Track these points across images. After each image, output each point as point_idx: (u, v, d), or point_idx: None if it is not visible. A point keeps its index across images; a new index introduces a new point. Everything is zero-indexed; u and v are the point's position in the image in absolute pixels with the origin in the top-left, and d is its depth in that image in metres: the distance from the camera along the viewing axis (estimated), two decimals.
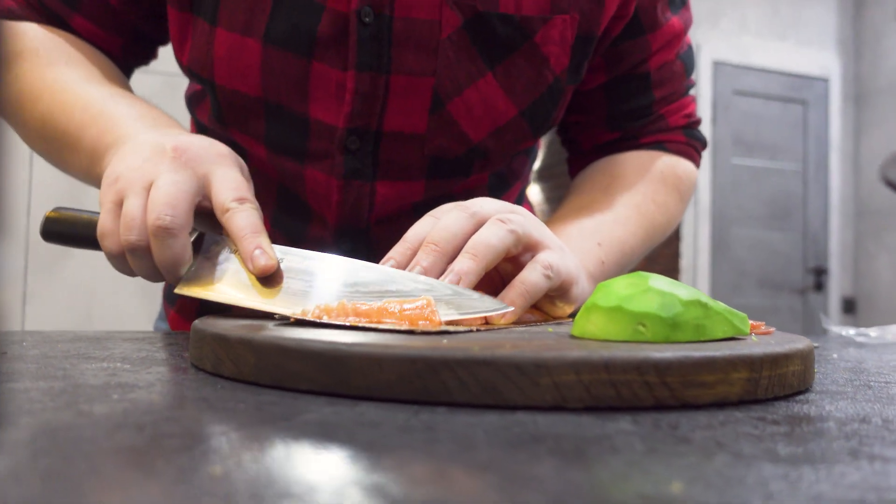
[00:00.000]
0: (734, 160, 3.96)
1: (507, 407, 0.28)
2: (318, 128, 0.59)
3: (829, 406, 0.31)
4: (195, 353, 0.37)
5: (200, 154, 0.47)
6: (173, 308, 0.73)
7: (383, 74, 0.56)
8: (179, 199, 0.44)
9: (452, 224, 0.43)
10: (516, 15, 0.57)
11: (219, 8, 0.56)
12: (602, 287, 0.37)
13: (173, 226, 0.43)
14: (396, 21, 0.55)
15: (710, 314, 0.36)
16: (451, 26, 0.56)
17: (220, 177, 0.46)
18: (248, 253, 0.43)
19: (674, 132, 0.70)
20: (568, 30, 0.58)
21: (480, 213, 0.44)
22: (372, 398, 0.29)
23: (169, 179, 0.44)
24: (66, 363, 0.36)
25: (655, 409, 0.29)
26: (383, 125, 0.58)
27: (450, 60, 0.57)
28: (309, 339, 0.31)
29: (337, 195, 0.60)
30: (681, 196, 0.70)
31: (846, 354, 0.55)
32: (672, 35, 0.66)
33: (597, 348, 0.30)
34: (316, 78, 0.57)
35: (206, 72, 0.58)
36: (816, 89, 4.13)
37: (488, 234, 0.43)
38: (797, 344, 0.35)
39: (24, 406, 0.26)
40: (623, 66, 0.66)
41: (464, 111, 0.59)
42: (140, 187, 0.45)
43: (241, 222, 0.44)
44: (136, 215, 0.44)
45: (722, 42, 3.90)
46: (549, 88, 0.61)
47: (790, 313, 4.05)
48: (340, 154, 0.59)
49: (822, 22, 4.18)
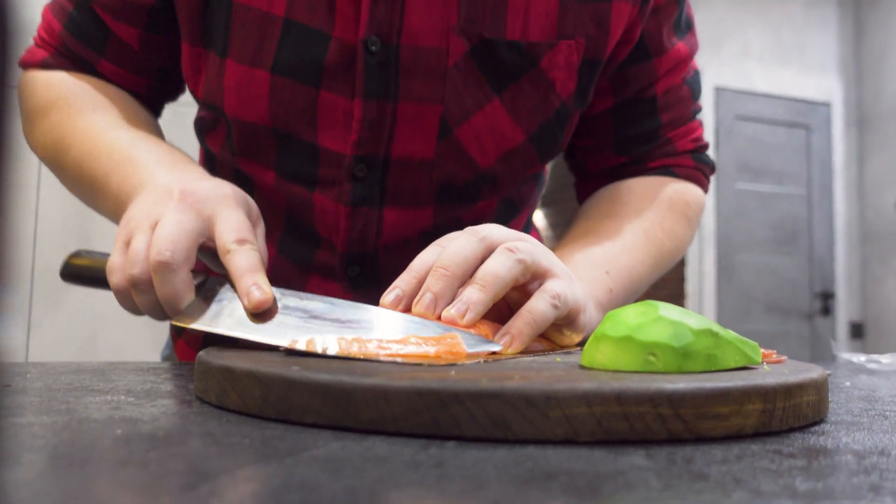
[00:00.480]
0: (738, 185, 3.96)
1: (517, 441, 0.27)
2: (327, 156, 0.59)
3: (846, 438, 0.30)
4: (200, 386, 0.37)
5: (206, 196, 0.48)
6: (181, 338, 0.73)
7: (391, 102, 0.57)
8: (180, 237, 0.45)
9: (462, 249, 0.43)
10: (522, 41, 0.57)
11: (229, 41, 0.57)
12: (611, 316, 0.37)
13: (172, 261, 0.44)
14: (403, 49, 0.56)
15: (722, 343, 0.35)
16: (457, 53, 0.56)
17: (224, 218, 0.47)
18: (243, 289, 0.44)
19: (682, 156, 0.70)
20: (574, 55, 0.59)
21: (489, 239, 0.44)
22: (379, 432, 0.29)
23: (173, 219, 0.46)
24: (69, 396, 0.36)
25: (669, 442, 0.28)
26: (391, 152, 0.59)
27: (457, 87, 0.57)
28: (315, 372, 0.31)
29: (345, 222, 0.60)
30: (689, 222, 0.69)
31: (859, 382, 0.55)
32: (678, 60, 0.66)
33: (608, 379, 0.30)
34: (324, 106, 0.57)
35: (218, 103, 0.59)
36: (819, 114, 4.15)
37: (497, 263, 0.43)
38: (811, 373, 0.34)
39: (27, 442, 0.25)
40: (629, 90, 0.66)
41: (472, 137, 0.59)
42: (147, 226, 0.47)
43: (240, 262, 0.45)
44: (141, 251, 0.46)
45: (724, 68, 3.93)
46: (556, 113, 0.61)
47: (798, 339, 4.02)
48: (348, 181, 0.59)
49: (823, 48, 4.21)
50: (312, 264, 0.64)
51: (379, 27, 0.55)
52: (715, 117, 3.91)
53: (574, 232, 0.66)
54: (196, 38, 0.59)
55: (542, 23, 0.57)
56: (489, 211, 0.66)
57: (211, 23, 0.58)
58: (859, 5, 4.26)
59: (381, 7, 0.55)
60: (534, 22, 0.57)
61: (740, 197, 3.96)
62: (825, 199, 4.14)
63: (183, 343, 0.73)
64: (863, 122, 4.24)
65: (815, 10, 4.19)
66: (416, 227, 0.62)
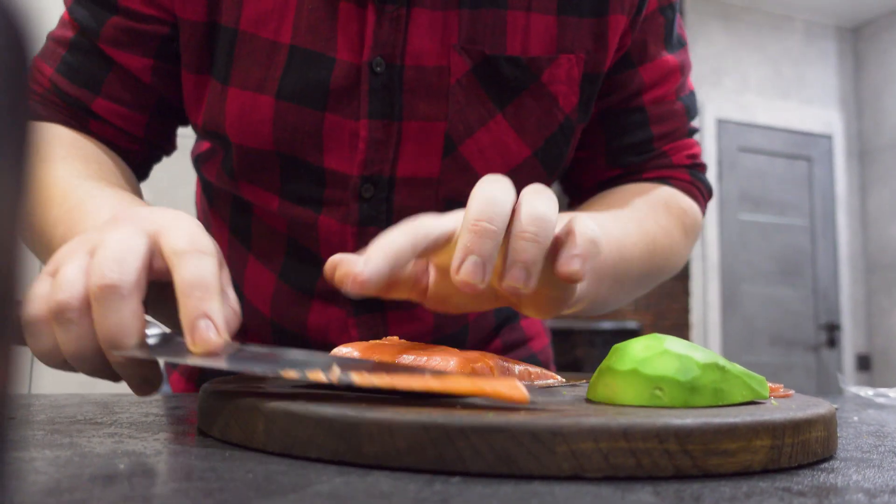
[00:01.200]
0: (741, 216, 3.97)
1: (523, 477, 0.27)
2: (333, 177, 0.59)
3: (856, 475, 0.30)
4: (203, 419, 0.36)
5: (150, 215, 0.39)
6: (175, 370, 0.73)
7: (396, 121, 0.58)
8: (127, 256, 0.35)
9: (497, 194, 0.36)
10: (522, 56, 0.58)
11: (231, 68, 0.58)
12: (616, 349, 0.37)
13: (121, 283, 0.34)
14: (407, 69, 0.57)
15: (728, 377, 0.35)
16: (459, 71, 0.57)
17: (172, 227, 0.38)
18: (189, 319, 0.34)
19: (678, 170, 0.68)
20: (574, 68, 0.60)
21: (509, 182, 0.38)
22: (384, 467, 0.28)
23: (114, 238, 0.36)
24: (72, 429, 0.35)
25: (676, 478, 0.28)
26: (397, 171, 0.59)
27: (460, 104, 0.58)
28: (319, 405, 0.30)
29: (352, 243, 0.61)
30: (685, 230, 0.66)
31: (867, 417, 0.54)
32: (666, 70, 0.66)
33: (614, 415, 0.30)
34: (329, 129, 0.58)
35: (220, 129, 0.59)
36: (820, 146, 4.17)
37: (540, 204, 0.36)
38: (819, 408, 0.34)
39: (30, 477, 0.25)
40: (614, 97, 0.66)
41: (476, 153, 0.59)
42: (82, 252, 0.36)
43: (187, 273, 0.35)
44: (74, 275, 0.35)
45: (725, 101, 3.97)
46: (560, 127, 0.61)
47: (804, 371, 3.99)
48: (355, 202, 0.60)
49: (823, 81, 4.25)
50: (315, 290, 0.64)
51: (383, 49, 0.56)
52: (717, 149, 3.93)
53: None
54: (201, 66, 0.59)
55: (542, 38, 0.58)
56: None
57: (215, 52, 0.59)
58: (858, 39, 4.32)
59: (385, 29, 0.56)
60: (534, 37, 0.58)
61: (743, 228, 3.97)
62: (828, 231, 4.14)
63: (178, 375, 0.72)
64: (864, 154, 4.26)
65: (814, 44, 4.24)
66: None
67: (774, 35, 4.14)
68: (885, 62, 4.15)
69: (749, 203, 3.99)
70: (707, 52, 3.97)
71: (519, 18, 0.58)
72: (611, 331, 3.87)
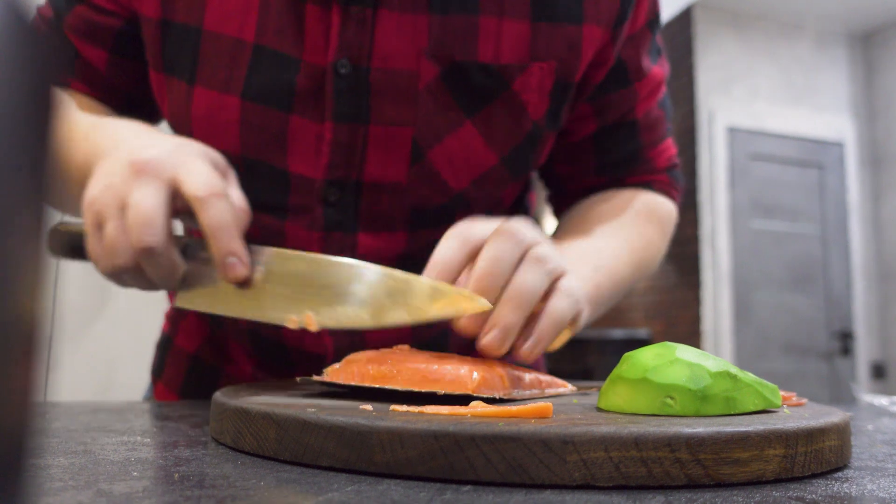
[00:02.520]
0: (753, 224, 3.95)
1: (534, 485, 0.27)
2: (298, 181, 0.59)
3: (871, 485, 0.29)
4: (216, 427, 0.37)
5: (163, 160, 0.45)
6: (160, 380, 0.73)
7: (362, 125, 0.57)
8: (154, 215, 0.43)
9: (504, 255, 0.42)
10: (494, 64, 0.57)
11: (196, 67, 0.57)
12: (627, 358, 0.37)
13: (155, 244, 0.43)
14: (374, 72, 0.56)
15: (740, 386, 0.35)
16: (428, 76, 0.56)
17: (186, 173, 0.45)
18: (219, 258, 0.44)
19: (659, 173, 0.72)
20: (546, 78, 0.59)
21: (524, 243, 0.43)
22: (395, 476, 0.28)
23: (139, 197, 0.44)
24: (86, 437, 0.36)
25: (688, 488, 0.28)
26: (363, 176, 0.58)
27: (429, 110, 0.57)
28: (330, 414, 0.31)
29: (318, 250, 0.59)
30: (664, 234, 0.71)
31: (882, 426, 0.53)
32: (656, 83, 0.68)
33: (625, 423, 0.29)
34: (294, 131, 0.57)
35: (185, 130, 0.59)
36: (832, 153, 4.15)
37: (531, 278, 0.42)
38: (832, 417, 0.34)
39: (45, 485, 0.25)
40: (612, 114, 0.67)
41: (444, 160, 0.59)
42: (114, 209, 0.45)
43: (211, 220, 0.44)
44: (117, 238, 0.44)
45: (735, 109, 3.95)
46: (529, 135, 0.61)
47: (817, 379, 3.95)
48: (320, 206, 0.59)
49: (834, 88, 4.23)
50: None
51: (349, 50, 0.55)
52: (728, 157, 3.92)
53: (558, 236, 0.67)
54: (157, 65, 0.59)
55: (514, 45, 0.58)
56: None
57: (174, 50, 0.58)
58: (869, 46, 4.30)
59: (351, 30, 0.55)
60: (506, 45, 0.57)
61: (755, 236, 3.94)
62: (840, 238, 4.11)
63: (162, 385, 0.72)
64: (877, 161, 4.23)
65: (825, 51, 4.22)
66: (392, 252, 0.62)
67: (785, 43, 4.13)
68: None
69: (761, 211, 3.97)
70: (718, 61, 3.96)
71: (490, 24, 0.57)
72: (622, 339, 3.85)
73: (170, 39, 0.58)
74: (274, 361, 0.66)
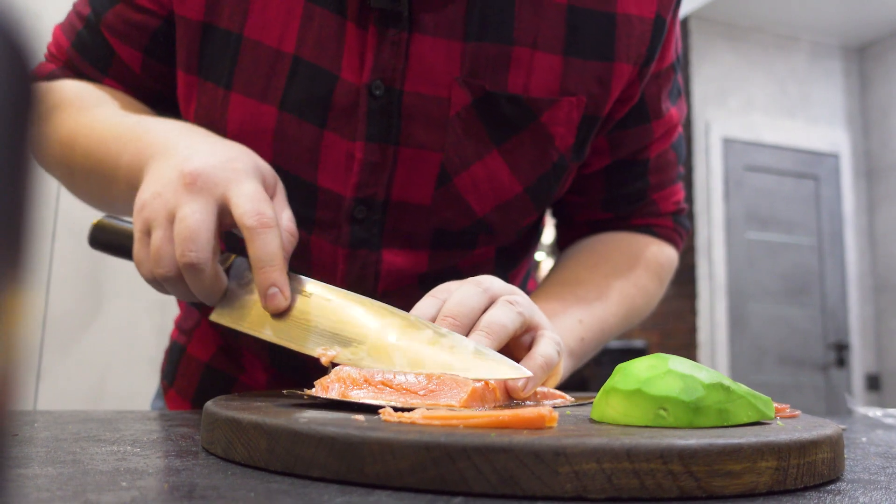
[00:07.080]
0: (749, 235, 3.96)
1: (526, 497, 0.27)
2: (326, 197, 0.59)
3: (864, 497, 0.29)
4: (206, 437, 0.36)
5: (214, 174, 0.47)
6: (171, 388, 0.72)
7: (392, 145, 0.57)
8: (200, 232, 0.45)
9: (468, 299, 0.45)
10: (524, 96, 0.58)
11: (234, 74, 0.58)
12: (621, 369, 0.37)
13: (198, 261, 0.45)
14: (406, 95, 0.57)
15: (733, 398, 0.35)
16: (459, 104, 0.57)
17: (237, 195, 0.46)
18: (261, 288, 0.46)
19: (663, 217, 0.72)
20: (574, 111, 0.60)
21: (491, 290, 0.46)
22: (386, 487, 0.28)
23: (188, 211, 0.45)
24: (75, 446, 0.35)
25: (680, 500, 0.27)
26: (391, 195, 0.59)
27: (458, 136, 0.58)
28: (322, 424, 0.30)
29: (343, 265, 0.60)
30: (661, 282, 0.72)
31: (875, 438, 0.53)
32: (671, 125, 0.69)
33: (618, 435, 0.29)
34: (327, 147, 0.58)
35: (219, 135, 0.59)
36: (827, 165, 4.17)
37: (501, 314, 0.45)
38: (825, 429, 0.33)
39: (32, 495, 0.25)
40: (625, 150, 0.67)
41: (470, 186, 0.59)
42: (163, 218, 0.46)
43: (258, 251, 0.46)
44: (163, 248, 0.46)
45: (730, 120, 3.97)
46: (554, 166, 0.62)
47: (813, 390, 3.95)
48: (347, 223, 0.59)
49: (829, 100, 4.25)
50: None
51: (383, 72, 0.56)
52: (723, 168, 3.93)
53: (552, 279, 0.68)
54: (191, 67, 0.60)
55: (546, 79, 0.58)
56: (488, 258, 0.66)
57: (213, 54, 0.58)
58: (863, 58, 4.33)
59: (386, 53, 0.56)
60: (537, 77, 0.58)
61: (751, 247, 3.96)
62: (836, 249, 4.12)
63: (174, 393, 0.72)
64: (872, 173, 4.25)
65: (820, 64, 4.25)
66: (414, 271, 0.62)
67: (780, 55, 4.16)
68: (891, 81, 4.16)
69: (756, 222, 3.98)
70: (713, 72, 3.98)
71: (523, 55, 0.57)
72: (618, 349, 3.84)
73: (210, 43, 0.59)
74: (290, 371, 0.66)
